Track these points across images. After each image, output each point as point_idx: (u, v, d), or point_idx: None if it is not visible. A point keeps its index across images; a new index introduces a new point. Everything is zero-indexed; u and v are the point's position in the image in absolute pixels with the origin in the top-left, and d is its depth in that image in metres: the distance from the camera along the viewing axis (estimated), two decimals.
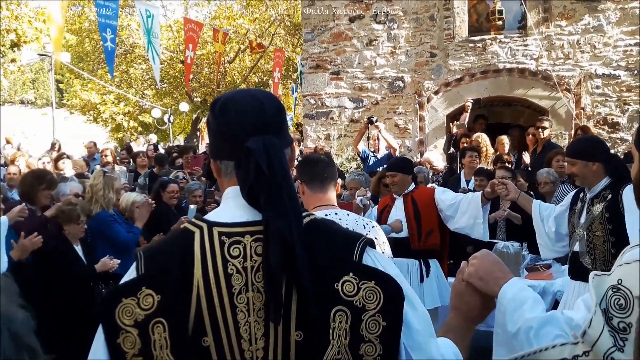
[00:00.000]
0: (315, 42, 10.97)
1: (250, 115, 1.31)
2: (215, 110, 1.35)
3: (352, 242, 1.29)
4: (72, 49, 25.33)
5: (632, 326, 1.28)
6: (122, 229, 5.27)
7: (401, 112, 10.74)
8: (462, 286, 1.56)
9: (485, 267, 1.54)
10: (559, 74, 10.08)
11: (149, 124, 27.93)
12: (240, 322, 1.22)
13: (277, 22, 24.36)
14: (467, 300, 1.54)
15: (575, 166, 3.79)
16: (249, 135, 1.27)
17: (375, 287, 1.23)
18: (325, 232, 1.31)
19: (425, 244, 5.00)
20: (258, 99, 1.34)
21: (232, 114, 1.32)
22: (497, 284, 1.51)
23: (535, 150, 8.28)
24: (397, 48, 10.65)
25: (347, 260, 1.26)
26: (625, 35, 9.95)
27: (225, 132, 1.33)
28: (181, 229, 1.32)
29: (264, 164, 1.22)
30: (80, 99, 27.00)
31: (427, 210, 5.02)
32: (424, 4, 10.50)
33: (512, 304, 1.47)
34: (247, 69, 26.38)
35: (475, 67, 10.40)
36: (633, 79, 9.98)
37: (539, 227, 4.26)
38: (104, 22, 10.24)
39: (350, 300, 1.22)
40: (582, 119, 10.00)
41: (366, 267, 1.26)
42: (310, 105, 11.17)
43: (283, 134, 1.36)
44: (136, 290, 1.22)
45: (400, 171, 5.17)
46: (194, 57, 14.49)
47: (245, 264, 1.23)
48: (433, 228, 5.02)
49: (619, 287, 1.33)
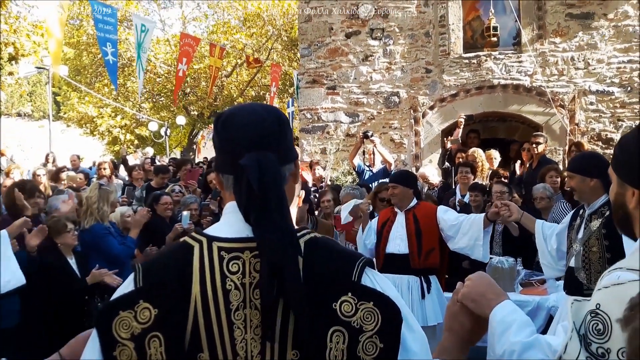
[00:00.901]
0: (312, 58, 11.05)
1: (249, 131, 1.30)
2: (218, 125, 1.35)
3: (351, 262, 1.28)
4: (69, 62, 25.42)
5: (610, 352, 1.26)
6: (115, 242, 5.27)
7: (397, 126, 10.79)
8: (457, 307, 1.55)
9: (479, 288, 1.54)
10: (553, 90, 10.16)
11: (145, 137, 27.95)
12: (237, 339, 1.20)
13: (274, 37, 24.51)
14: (462, 321, 1.54)
15: (574, 180, 3.81)
16: (246, 151, 1.27)
17: (373, 309, 1.21)
18: (325, 250, 1.30)
19: (426, 263, 4.97)
20: (259, 114, 1.34)
21: (232, 128, 1.32)
22: (489, 305, 1.52)
23: (531, 165, 8.32)
24: (393, 64, 10.73)
25: (346, 280, 1.24)
26: (619, 52, 10.05)
27: (226, 147, 1.33)
28: (180, 242, 1.31)
29: (254, 180, 1.22)
30: (77, 111, 27.04)
31: (429, 229, 4.98)
32: (419, 21, 10.60)
33: (501, 326, 1.48)
34: (244, 83, 26.49)
35: (470, 83, 10.48)
36: (627, 95, 10.07)
37: (542, 247, 4.25)
38: (103, 37, 10.31)
39: (348, 320, 1.20)
40: (576, 134, 10.07)
41: (365, 287, 1.25)
42: (306, 119, 11.22)
43: (285, 149, 1.34)
44: (133, 303, 1.21)
45: (402, 183, 5.13)
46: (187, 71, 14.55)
47: (244, 280, 1.22)
48: (434, 247, 4.98)
49: (597, 311, 1.31)
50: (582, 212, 3.89)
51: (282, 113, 1.41)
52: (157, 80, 25.62)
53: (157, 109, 27.13)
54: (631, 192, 1.52)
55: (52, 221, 4.79)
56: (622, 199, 1.57)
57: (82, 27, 23.87)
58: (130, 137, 27.63)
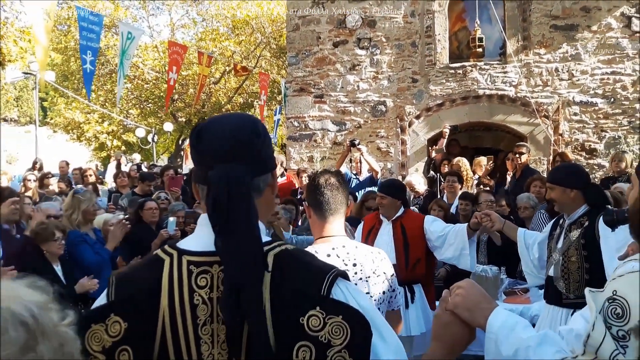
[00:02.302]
0: (300, 66, 11.11)
1: (220, 142, 1.30)
2: (193, 137, 1.36)
3: (321, 275, 1.26)
4: (57, 67, 25.30)
5: (630, 334, 1.31)
6: (89, 250, 5.23)
7: (383, 135, 10.87)
8: (448, 317, 1.53)
9: (473, 297, 1.53)
10: (537, 100, 10.28)
11: (132, 143, 27.86)
12: (204, 354, 1.20)
13: (263, 45, 24.56)
14: (453, 331, 1.52)
15: (554, 192, 3.84)
16: (216, 162, 1.27)
17: (342, 322, 1.19)
18: (295, 264, 1.28)
19: (412, 273, 4.96)
20: (234, 126, 1.33)
21: (205, 140, 1.32)
22: (483, 315, 1.51)
23: (514, 175, 8.42)
24: (380, 73, 10.81)
25: (315, 293, 1.23)
26: (602, 63, 10.19)
27: (199, 158, 1.34)
28: (153, 255, 1.31)
29: (219, 193, 1.22)
30: (64, 117, 26.90)
31: (416, 239, 4.93)
32: (406, 31, 10.69)
33: (504, 330, 1.48)
34: (232, 90, 26.49)
35: (455, 93, 10.58)
36: (610, 106, 10.21)
37: (525, 255, 4.27)
38: (86, 45, 10.22)
39: (315, 335, 1.19)
40: (560, 145, 10.18)
41: (334, 301, 1.23)
42: (293, 127, 11.27)
43: (260, 160, 1.34)
44: (105, 316, 1.21)
45: (390, 194, 5.07)
46: (177, 79, 14.54)
47: (212, 294, 1.22)
48: (420, 257, 4.94)
49: (615, 297, 1.35)
50: (562, 222, 3.94)
51: (259, 124, 1.39)
52: (144, 87, 25.57)
53: (145, 115, 27.05)
54: None
55: (40, 228, 4.77)
56: None
57: (70, 32, 23.77)
58: (117, 143, 27.52)
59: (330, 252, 2.54)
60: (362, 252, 2.67)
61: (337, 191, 2.62)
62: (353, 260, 2.60)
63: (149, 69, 25.08)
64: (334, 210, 2.60)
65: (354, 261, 2.60)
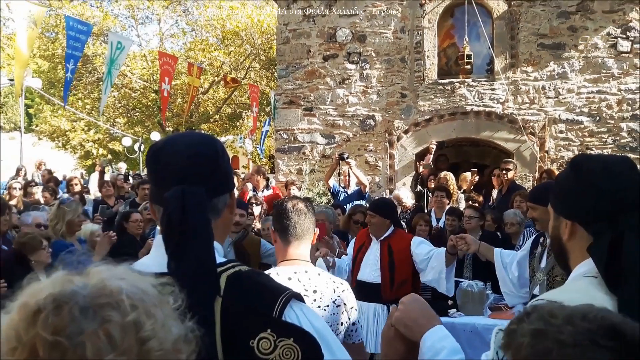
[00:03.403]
0: (290, 79, 11.14)
1: (177, 163, 1.28)
2: (150, 157, 1.34)
3: (274, 297, 1.25)
4: (43, 74, 25.15)
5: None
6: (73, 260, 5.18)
7: (372, 149, 10.91)
8: (391, 333, 1.52)
9: (411, 313, 1.53)
10: (524, 117, 10.39)
11: (119, 152, 27.69)
12: None
13: (252, 56, 24.59)
14: (395, 346, 1.51)
15: (536, 211, 3.85)
16: (173, 183, 1.25)
17: (293, 345, 1.18)
18: (248, 285, 1.26)
19: (397, 293, 4.94)
20: (192, 145, 1.32)
21: (161, 161, 1.31)
22: (420, 331, 1.49)
23: (500, 191, 8.49)
24: (369, 87, 10.87)
25: (266, 316, 1.21)
26: (588, 82, 10.34)
27: (156, 179, 1.33)
28: None
29: (173, 214, 1.20)
30: (49, 125, 26.70)
31: (403, 260, 4.95)
32: (395, 46, 10.78)
33: (430, 352, 1.47)
34: (220, 101, 26.47)
35: (443, 109, 10.66)
36: (595, 124, 10.34)
37: (502, 275, 4.28)
38: (70, 53, 10.16)
39: (265, 358, 1.17)
40: (545, 162, 10.28)
41: (285, 323, 1.23)
42: (282, 139, 11.28)
43: (218, 181, 1.33)
44: None
45: (380, 214, 5.07)
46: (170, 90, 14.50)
47: None
48: (407, 278, 4.95)
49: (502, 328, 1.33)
50: (543, 240, 3.95)
51: (218, 143, 1.39)
52: (132, 95, 25.47)
53: (132, 124, 26.92)
54: (565, 224, 1.57)
55: (27, 237, 4.72)
56: (558, 232, 1.62)
57: (57, 40, 23.66)
58: (103, 151, 27.35)
59: (291, 276, 2.50)
60: (324, 280, 2.64)
61: (304, 217, 2.59)
62: (314, 287, 2.55)
63: (137, 78, 25.01)
64: (299, 236, 2.57)
65: (314, 288, 2.55)
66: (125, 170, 18.22)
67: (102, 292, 0.77)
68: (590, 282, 1.47)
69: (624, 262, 1.41)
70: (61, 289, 0.77)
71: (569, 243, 1.58)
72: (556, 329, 1.02)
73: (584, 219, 1.53)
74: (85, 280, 0.80)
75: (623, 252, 1.42)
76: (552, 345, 1.00)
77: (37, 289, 0.79)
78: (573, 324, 1.01)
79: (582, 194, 1.52)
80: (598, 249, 1.46)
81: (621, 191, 1.47)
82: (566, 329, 1.01)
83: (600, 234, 1.47)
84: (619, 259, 1.42)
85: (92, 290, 0.77)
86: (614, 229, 1.45)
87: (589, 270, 1.50)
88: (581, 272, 1.53)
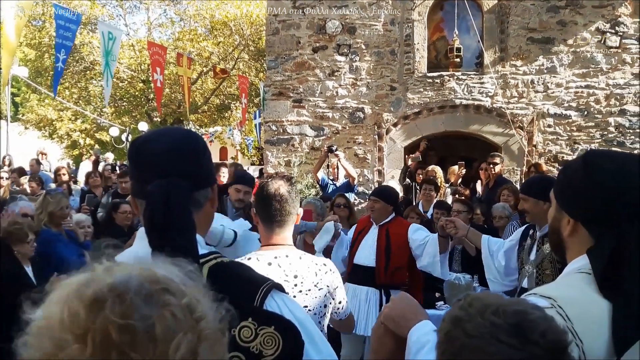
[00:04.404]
0: (279, 70, 11.08)
1: (160, 157, 1.30)
2: (132, 151, 1.35)
3: (254, 287, 1.27)
4: (30, 63, 24.87)
5: None
6: (66, 249, 5.18)
7: (361, 142, 10.90)
8: (381, 329, 1.55)
9: (399, 309, 1.55)
10: (512, 111, 10.42)
11: (106, 142, 27.51)
12: None
13: (241, 47, 24.46)
14: (385, 342, 1.53)
15: (527, 203, 3.89)
16: (156, 177, 1.27)
17: (274, 333, 1.20)
18: (229, 276, 1.28)
19: (391, 279, 5.03)
20: (173, 141, 1.33)
21: (144, 155, 1.32)
22: (407, 326, 1.52)
23: (487, 184, 8.53)
24: (359, 80, 10.85)
25: (247, 305, 1.23)
26: (577, 77, 10.37)
27: (138, 173, 1.34)
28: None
29: (157, 207, 1.21)
30: (36, 114, 26.45)
31: (399, 246, 5.03)
32: (385, 39, 10.75)
33: (415, 346, 1.48)
34: (209, 91, 26.34)
35: (433, 102, 10.67)
36: (583, 119, 10.39)
37: (488, 262, 4.33)
38: (61, 43, 10.06)
39: (246, 346, 1.18)
40: (533, 156, 10.33)
41: (266, 312, 1.25)
42: (271, 131, 11.24)
43: (199, 175, 1.34)
44: None
45: (384, 199, 5.18)
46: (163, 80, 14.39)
47: None
48: (402, 265, 5.03)
49: None
50: (533, 233, 3.97)
51: (200, 139, 1.41)
52: (119, 85, 25.26)
53: (119, 114, 26.74)
54: (567, 220, 1.56)
55: (14, 228, 4.69)
56: (558, 224, 1.61)
57: (44, 28, 23.40)
58: (90, 141, 27.16)
59: (272, 261, 2.50)
60: (306, 264, 2.62)
61: (285, 202, 2.58)
62: (294, 272, 2.54)
63: (124, 68, 24.80)
64: (281, 222, 2.57)
65: (295, 273, 2.54)
66: (113, 161, 18.10)
67: (154, 278, 0.82)
68: (584, 278, 1.46)
69: (625, 270, 1.38)
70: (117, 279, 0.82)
71: (569, 239, 1.57)
72: (467, 319, 1.06)
73: (588, 221, 1.51)
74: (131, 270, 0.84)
75: (625, 261, 1.39)
76: (459, 334, 1.05)
77: (89, 279, 0.84)
78: (483, 316, 1.05)
79: (590, 194, 1.49)
80: (598, 254, 1.45)
81: (631, 196, 1.44)
82: (475, 320, 1.05)
83: (603, 239, 1.46)
84: (619, 266, 1.40)
85: (145, 278, 0.82)
86: (617, 236, 1.43)
87: (584, 266, 1.49)
88: (576, 267, 1.52)
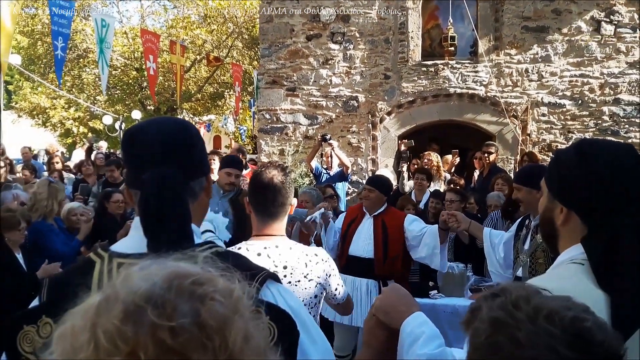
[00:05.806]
0: (272, 58, 11.02)
1: (154, 147, 1.30)
2: (126, 141, 1.36)
3: (250, 277, 1.22)
4: (23, 50, 24.66)
5: None
6: (58, 240, 5.18)
7: (354, 130, 10.88)
8: (373, 321, 1.54)
9: (390, 301, 1.54)
10: (507, 100, 10.41)
11: (99, 130, 27.39)
12: None
13: (235, 35, 24.31)
14: (377, 334, 1.52)
15: (521, 192, 3.88)
16: (150, 166, 1.27)
17: (269, 323, 1.20)
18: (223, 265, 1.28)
19: (390, 269, 5.04)
20: (167, 130, 1.34)
21: (138, 144, 1.32)
22: (400, 317, 1.51)
23: (482, 173, 8.53)
24: (353, 68, 10.80)
25: None
26: (571, 66, 10.36)
27: (132, 162, 1.35)
28: (85, 258, 1.31)
29: (151, 196, 1.22)
30: (29, 102, 26.28)
31: (396, 236, 5.03)
32: (379, 27, 10.70)
33: (409, 338, 1.47)
34: (202, 79, 26.21)
35: (427, 91, 10.64)
36: (577, 108, 10.39)
37: (490, 255, 4.32)
38: (57, 30, 10.02)
39: None
40: (527, 144, 10.34)
41: (261, 301, 1.20)
42: (265, 120, 11.20)
43: (193, 165, 1.35)
44: (37, 318, 1.21)
45: (379, 189, 5.16)
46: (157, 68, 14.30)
47: None
48: (398, 254, 5.04)
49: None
50: (528, 223, 3.97)
51: (193, 128, 1.41)
52: (113, 73, 25.09)
53: (112, 102, 26.58)
54: (560, 209, 1.54)
55: (7, 215, 4.68)
56: (551, 214, 1.59)
57: (37, 15, 23.17)
58: (84, 129, 27.03)
59: (261, 252, 2.49)
60: (296, 254, 2.58)
61: (279, 193, 2.54)
62: (284, 263, 2.52)
63: (117, 55, 24.62)
64: (273, 213, 2.55)
65: (284, 263, 2.52)
66: (106, 149, 18.02)
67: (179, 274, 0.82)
68: (578, 269, 1.44)
69: (620, 260, 1.37)
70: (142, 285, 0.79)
71: (562, 228, 1.55)
72: (515, 324, 0.93)
73: (582, 210, 1.49)
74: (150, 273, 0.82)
75: (620, 251, 1.38)
76: (506, 342, 0.92)
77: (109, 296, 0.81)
78: (535, 322, 0.93)
79: (585, 183, 1.47)
80: (593, 243, 1.44)
81: (625, 186, 1.43)
82: (526, 326, 0.92)
83: (597, 228, 1.45)
84: (614, 255, 1.39)
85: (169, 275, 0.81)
86: (611, 225, 1.42)
87: (576, 256, 1.48)
88: (568, 257, 1.51)
